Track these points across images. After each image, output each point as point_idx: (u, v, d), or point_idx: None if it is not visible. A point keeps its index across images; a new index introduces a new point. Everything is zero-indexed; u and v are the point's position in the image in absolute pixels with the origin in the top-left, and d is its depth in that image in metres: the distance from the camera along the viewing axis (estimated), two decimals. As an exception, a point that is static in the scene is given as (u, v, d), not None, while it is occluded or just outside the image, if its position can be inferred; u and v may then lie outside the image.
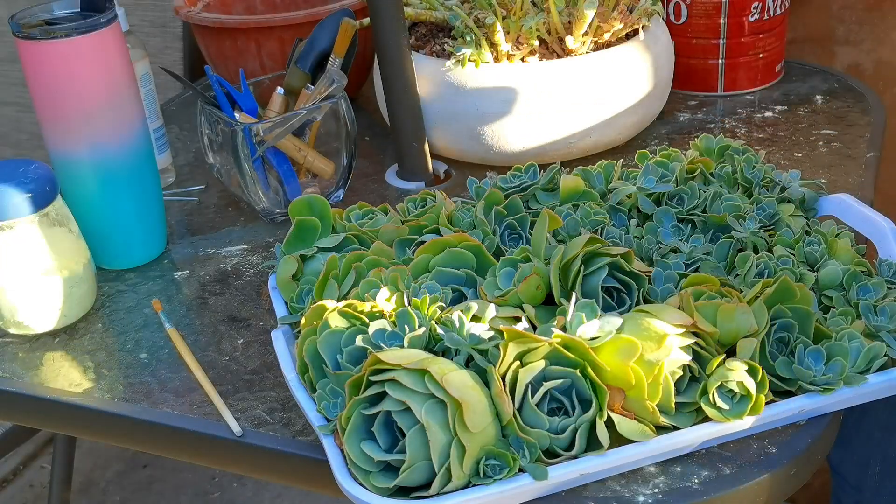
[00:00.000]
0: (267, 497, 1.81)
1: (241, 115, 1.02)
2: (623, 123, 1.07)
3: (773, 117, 1.17)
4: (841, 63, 1.39)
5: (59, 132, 0.90)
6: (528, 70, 1.01)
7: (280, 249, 0.83)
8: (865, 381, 0.67)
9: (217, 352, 0.83)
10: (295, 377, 0.70)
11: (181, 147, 1.24)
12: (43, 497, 1.85)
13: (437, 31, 1.14)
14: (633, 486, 0.64)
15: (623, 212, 0.85)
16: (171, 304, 0.91)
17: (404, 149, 1.07)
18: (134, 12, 1.63)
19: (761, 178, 0.88)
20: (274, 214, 1.02)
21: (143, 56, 1.09)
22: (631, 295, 0.73)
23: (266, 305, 0.89)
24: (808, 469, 0.67)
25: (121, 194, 0.93)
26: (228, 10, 1.34)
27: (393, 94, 1.04)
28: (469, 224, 0.83)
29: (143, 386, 0.80)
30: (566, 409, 0.64)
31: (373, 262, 0.76)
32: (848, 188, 0.99)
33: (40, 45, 0.86)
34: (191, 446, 0.76)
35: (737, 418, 0.64)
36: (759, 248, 0.79)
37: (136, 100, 0.93)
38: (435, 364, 0.61)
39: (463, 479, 0.60)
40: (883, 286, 0.74)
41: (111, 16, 0.89)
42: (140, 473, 1.89)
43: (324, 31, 1.05)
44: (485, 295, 0.72)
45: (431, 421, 0.60)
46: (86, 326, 0.88)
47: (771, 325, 0.69)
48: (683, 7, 1.21)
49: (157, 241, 0.98)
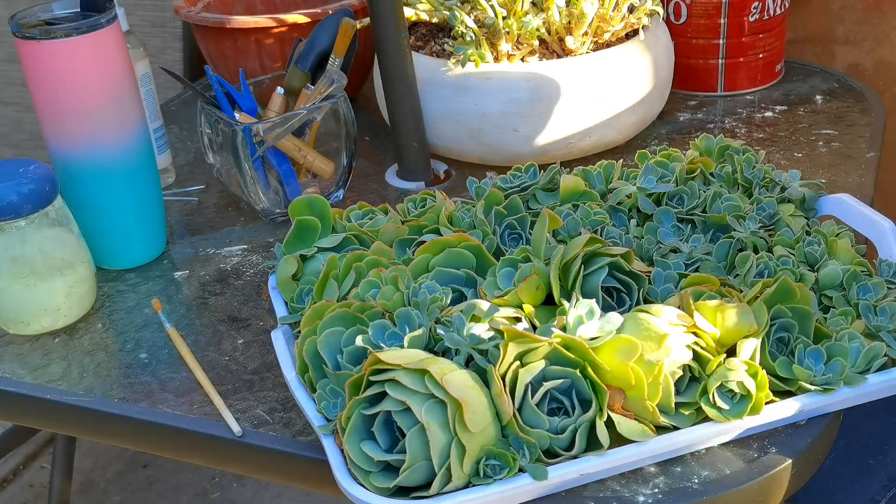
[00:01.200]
0: (267, 497, 1.81)
1: (241, 115, 1.02)
2: (623, 123, 1.07)
3: (773, 117, 1.17)
4: (841, 63, 1.39)
5: (59, 132, 0.90)
6: (528, 70, 1.01)
7: (280, 249, 0.83)
8: (865, 381, 0.67)
9: (217, 352, 0.83)
10: (295, 377, 0.70)
11: (181, 147, 1.24)
12: (43, 497, 1.85)
13: (437, 31, 1.14)
14: (633, 486, 0.64)
15: (623, 212, 0.85)
16: (171, 304, 0.91)
17: (404, 149, 1.07)
18: (134, 12, 1.63)
19: (761, 178, 0.88)
20: (274, 214, 1.02)
21: (143, 56, 1.09)
22: (631, 295, 0.73)
23: (266, 305, 0.89)
24: (808, 469, 0.67)
25: (121, 194, 0.93)
26: (228, 10, 1.34)
27: (393, 94, 1.04)
28: (469, 224, 0.83)
29: (143, 386, 0.80)
30: (566, 409, 0.64)
31: (373, 262, 0.76)
32: (848, 188, 0.99)
33: (40, 45, 0.86)
34: (191, 446, 0.76)
35: (737, 418, 0.64)
36: (759, 248, 0.79)
37: (136, 100, 0.93)
38: (435, 364, 0.61)
39: (463, 479, 0.60)
40: (883, 286, 0.74)
41: (111, 16, 0.89)
42: (140, 473, 1.89)
43: (324, 31, 1.05)
44: (485, 295, 0.72)
45: (431, 421, 0.60)
46: (86, 326, 0.88)
47: (771, 325, 0.69)
48: (683, 7, 1.21)
49: (157, 241, 0.98)
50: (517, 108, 1.02)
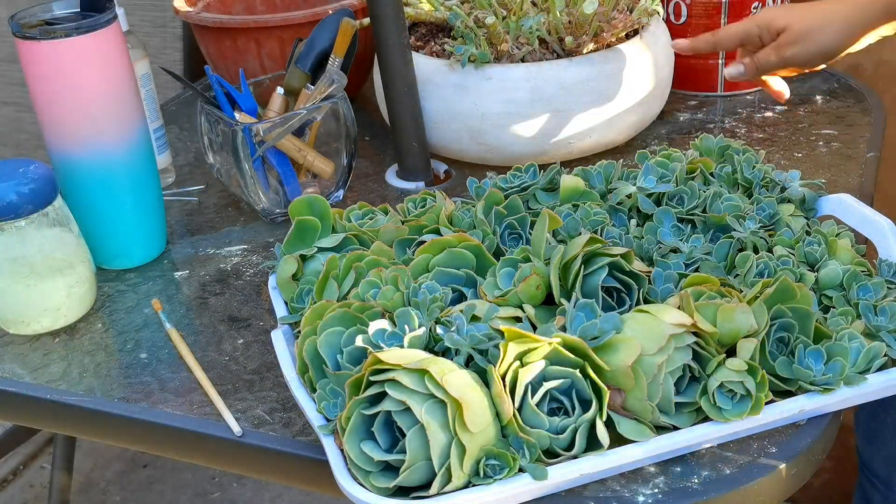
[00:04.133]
0: (267, 497, 1.81)
1: (241, 115, 1.02)
2: (623, 123, 1.07)
3: (773, 117, 1.17)
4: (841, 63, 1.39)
5: (59, 132, 0.90)
6: (528, 70, 1.01)
7: (280, 249, 0.83)
8: (865, 380, 0.67)
9: (217, 352, 0.83)
10: (295, 377, 0.70)
11: (181, 147, 1.24)
12: (43, 497, 1.85)
13: (437, 31, 1.14)
14: (633, 485, 0.64)
15: (623, 212, 0.85)
16: (171, 304, 0.91)
17: (404, 149, 1.07)
18: (134, 12, 1.63)
19: (761, 178, 0.88)
20: (274, 214, 1.02)
21: (143, 56, 1.09)
22: (631, 295, 0.73)
23: (266, 305, 0.89)
24: (808, 469, 0.67)
25: (121, 194, 0.93)
26: (228, 10, 1.34)
27: (393, 94, 1.04)
28: (469, 224, 0.83)
29: (143, 386, 0.80)
30: (566, 409, 0.64)
31: (373, 262, 0.76)
32: (848, 188, 0.99)
33: (40, 45, 0.86)
34: (191, 446, 0.76)
35: (737, 418, 0.64)
36: (759, 248, 0.79)
37: (136, 100, 0.93)
38: (435, 364, 0.61)
39: (463, 479, 0.60)
40: (883, 286, 0.74)
41: (111, 16, 0.89)
42: (140, 473, 1.89)
43: (324, 31, 1.05)
44: (485, 295, 0.72)
45: (431, 421, 0.60)
46: (86, 326, 0.88)
47: (771, 325, 0.69)
48: (683, 7, 1.21)
49: (157, 241, 0.98)
50: (517, 108, 1.02)
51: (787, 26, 0.91)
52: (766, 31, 0.94)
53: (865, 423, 1.05)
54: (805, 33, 0.90)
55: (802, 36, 0.90)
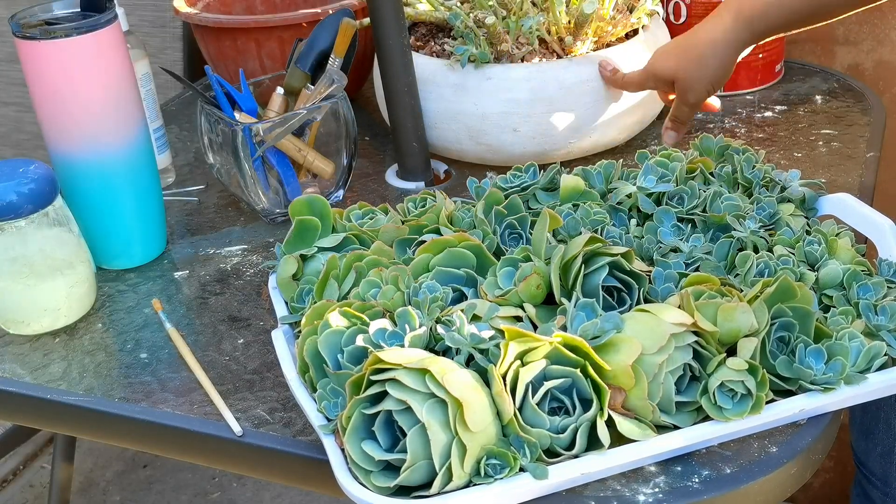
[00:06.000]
0: (267, 497, 1.81)
1: (241, 115, 1.02)
2: (623, 123, 1.07)
3: (773, 117, 1.17)
4: (841, 63, 1.39)
5: (59, 132, 0.90)
6: (528, 70, 1.01)
7: (280, 249, 0.83)
8: (865, 380, 0.67)
9: (217, 352, 0.83)
10: (295, 377, 0.70)
11: (181, 147, 1.24)
12: (43, 497, 1.85)
13: (437, 31, 1.14)
14: (633, 485, 0.64)
15: (623, 211, 0.85)
16: (171, 304, 0.91)
17: (404, 149, 1.07)
18: (134, 12, 1.63)
19: (761, 178, 0.88)
20: (274, 214, 1.02)
21: (143, 56, 1.09)
22: (631, 294, 0.73)
23: (266, 305, 0.89)
24: (808, 469, 0.67)
25: (121, 194, 0.93)
26: (228, 10, 1.34)
27: (393, 94, 1.04)
28: (469, 224, 0.83)
29: (143, 386, 0.80)
30: (567, 409, 0.64)
31: (373, 262, 0.76)
32: (848, 188, 0.99)
33: (40, 45, 0.86)
34: (191, 446, 0.76)
35: (737, 418, 0.64)
36: (759, 247, 0.79)
37: (136, 100, 0.93)
38: (436, 363, 0.61)
39: (464, 479, 0.60)
40: (883, 285, 0.74)
41: (111, 16, 0.89)
42: (140, 473, 1.89)
43: (324, 31, 1.05)
44: (485, 294, 0.72)
45: (432, 420, 0.60)
46: (86, 326, 0.88)
47: (771, 325, 0.69)
48: (683, 7, 1.21)
49: (157, 241, 0.98)
50: (517, 108, 1.02)
51: (674, 77, 0.97)
52: (661, 83, 1.00)
53: (860, 419, 1.05)
54: (692, 80, 0.95)
55: (691, 83, 0.95)
